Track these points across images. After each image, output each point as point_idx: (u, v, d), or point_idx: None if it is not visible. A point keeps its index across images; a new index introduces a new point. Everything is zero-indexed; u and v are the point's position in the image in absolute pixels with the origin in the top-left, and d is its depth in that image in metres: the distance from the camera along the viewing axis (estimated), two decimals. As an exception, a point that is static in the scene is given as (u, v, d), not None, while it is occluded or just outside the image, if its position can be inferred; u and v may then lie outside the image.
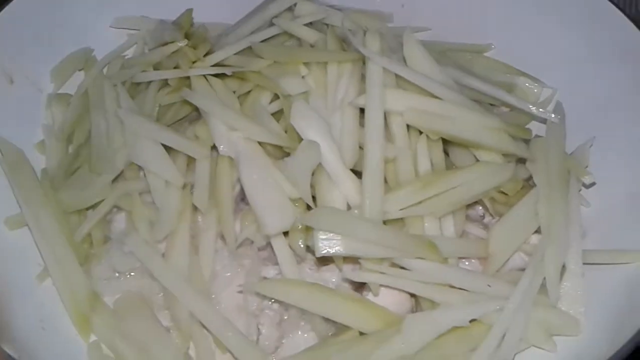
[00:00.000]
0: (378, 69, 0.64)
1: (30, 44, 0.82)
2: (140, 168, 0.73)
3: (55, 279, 0.67)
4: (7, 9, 0.80)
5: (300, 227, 0.63)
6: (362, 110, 0.67)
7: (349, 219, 0.60)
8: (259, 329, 0.66)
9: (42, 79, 0.84)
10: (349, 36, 0.68)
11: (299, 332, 0.67)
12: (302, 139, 0.66)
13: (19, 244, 0.71)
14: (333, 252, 0.59)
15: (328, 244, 0.58)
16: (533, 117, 0.79)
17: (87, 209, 0.73)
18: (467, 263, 0.66)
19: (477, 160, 0.68)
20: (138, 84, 0.81)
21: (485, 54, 0.91)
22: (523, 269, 0.66)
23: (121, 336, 0.65)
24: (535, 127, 0.81)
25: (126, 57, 0.88)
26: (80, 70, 0.86)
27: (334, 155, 0.63)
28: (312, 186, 0.65)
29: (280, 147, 0.68)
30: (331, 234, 0.59)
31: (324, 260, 0.67)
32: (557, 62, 0.86)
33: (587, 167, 0.75)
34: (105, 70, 0.86)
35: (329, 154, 0.63)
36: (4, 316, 0.63)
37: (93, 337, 0.66)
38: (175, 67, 0.77)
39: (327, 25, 0.78)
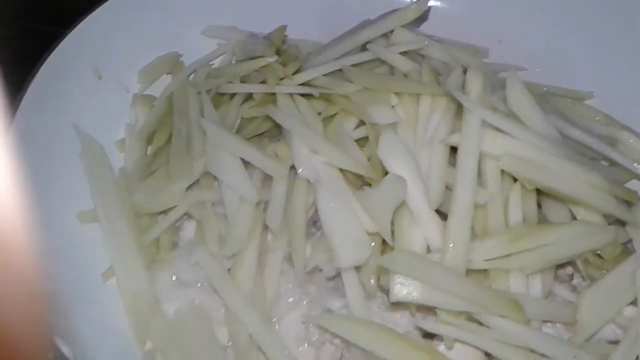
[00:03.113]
0: (477, 111, 0.61)
1: (122, 44, 0.83)
2: (215, 178, 0.72)
3: (120, 280, 0.67)
4: (103, 6, 0.81)
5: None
6: (452, 149, 0.64)
7: (430, 266, 0.56)
8: (317, 362, 0.63)
9: (129, 79, 0.85)
10: (446, 78, 0.64)
11: (359, 372, 0.63)
12: (385, 171, 0.63)
13: (90, 240, 0.71)
14: (408, 299, 0.55)
15: (404, 289, 0.55)
16: (635, 176, 0.73)
17: (159, 213, 0.73)
18: (550, 325, 0.61)
19: (574, 217, 0.63)
20: (222, 94, 0.80)
21: (586, 102, 0.86)
22: (613, 342, 0.61)
23: (177, 348, 0.63)
24: (635, 186, 0.75)
25: (213, 66, 0.88)
26: (167, 74, 0.87)
27: (419, 194, 0.60)
28: (391, 222, 0.62)
29: (360, 176, 0.66)
30: (409, 280, 0.55)
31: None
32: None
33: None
34: (192, 76, 0.86)
35: (414, 191, 0.60)
36: (61, 308, 0.62)
37: (149, 345, 0.65)
38: (262, 82, 0.77)
39: (422, 56, 0.76)
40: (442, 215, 0.62)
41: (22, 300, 0.35)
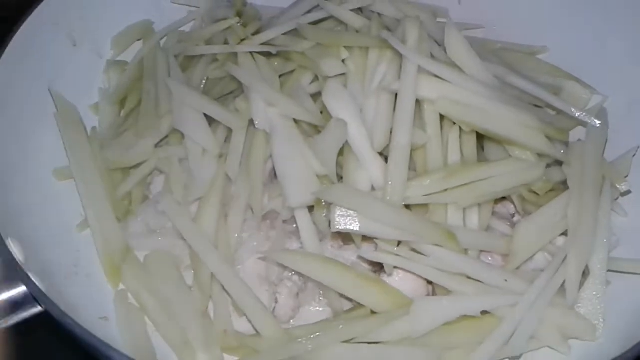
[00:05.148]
0: (413, 58, 0.65)
1: (96, 12, 0.87)
2: (184, 136, 0.76)
3: (93, 229, 0.71)
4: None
5: (324, 203, 0.64)
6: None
7: (368, 199, 0.61)
8: (276, 298, 0.68)
9: (103, 46, 0.89)
10: (386, 31, 0.68)
11: (315, 306, 0.68)
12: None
13: (66, 195, 0.76)
14: (348, 229, 0.60)
15: (344, 220, 0.59)
16: (578, 122, 0.77)
17: (131, 169, 0.77)
18: (490, 259, 0.66)
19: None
20: (192, 58, 0.85)
21: (539, 57, 0.90)
22: (545, 270, 0.65)
23: (147, 288, 0.68)
24: (581, 134, 0.79)
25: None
26: (139, 40, 0.91)
27: (362, 137, 0.64)
28: (340, 166, 0.67)
29: (316, 127, 0.70)
30: (348, 211, 0.60)
31: (347, 240, 0.68)
32: (613, 70, 0.83)
33: (627, 176, 0.72)
34: (163, 42, 0.91)
35: (357, 135, 0.64)
36: (42, 255, 0.67)
37: (121, 287, 0.70)
38: (225, 44, 0.81)
39: (377, 13, 0.79)
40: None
41: None
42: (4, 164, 0.71)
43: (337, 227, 0.59)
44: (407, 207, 0.64)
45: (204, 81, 0.81)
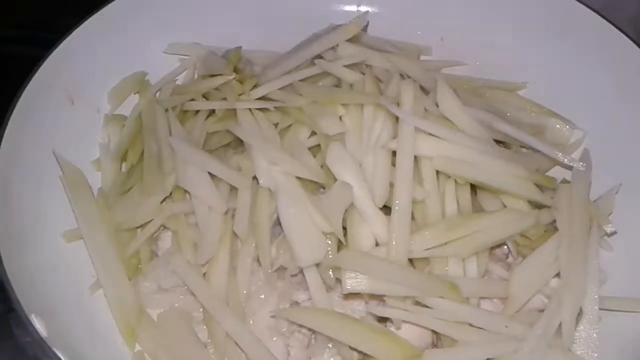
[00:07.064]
0: (410, 120, 0.69)
1: (88, 68, 0.89)
2: (186, 191, 0.79)
3: (106, 291, 0.73)
4: (71, 35, 0.87)
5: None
6: (394, 152, 0.72)
7: (375, 261, 0.64)
8: (288, 350, 0.71)
9: (99, 100, 0.91)
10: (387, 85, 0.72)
11: (326, 356, 0.71)
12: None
13: (75, 256, 0.77)
14: (358, 290, 0.63)
15: (354, 282, 0.63)
16: (563, 166, 0.81)
17: (138, 227, 0.80)
18: (490, 303, 0.70)
19: (504, 205, 0.71)
20: (188, 110, 0.87)
21: (519, 92, 0.94)
22: (542, 310, 0.70)
23: (163, 348, 0.71)
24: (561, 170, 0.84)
25: (177, 82, 0.94)
26: (135, 93, 0.93)
27: (365, 196, 0.68)
28: (344, 221, 0.70)
29: (317, 182, 0.73)
30: (357, 274, 0.63)
31: (353, 290, 0.71)
32: (591, 103, 0.88)
33: (611, 213, 0.77)
34: (157, 93, 0.93)
35: (361, 194, 0.68)
36: (57, 323, 0.69)
37: (137, 347, 0.72)
38: (222, 98, 0.83)
39: (367, 65, 0.83)
40: (390, 210, 0.69)
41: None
42: (15, 234, 0.73)
43: (348, 289, 0.63)
44: (410, 259, 0.68)
45: (204, 135, 0.84)
